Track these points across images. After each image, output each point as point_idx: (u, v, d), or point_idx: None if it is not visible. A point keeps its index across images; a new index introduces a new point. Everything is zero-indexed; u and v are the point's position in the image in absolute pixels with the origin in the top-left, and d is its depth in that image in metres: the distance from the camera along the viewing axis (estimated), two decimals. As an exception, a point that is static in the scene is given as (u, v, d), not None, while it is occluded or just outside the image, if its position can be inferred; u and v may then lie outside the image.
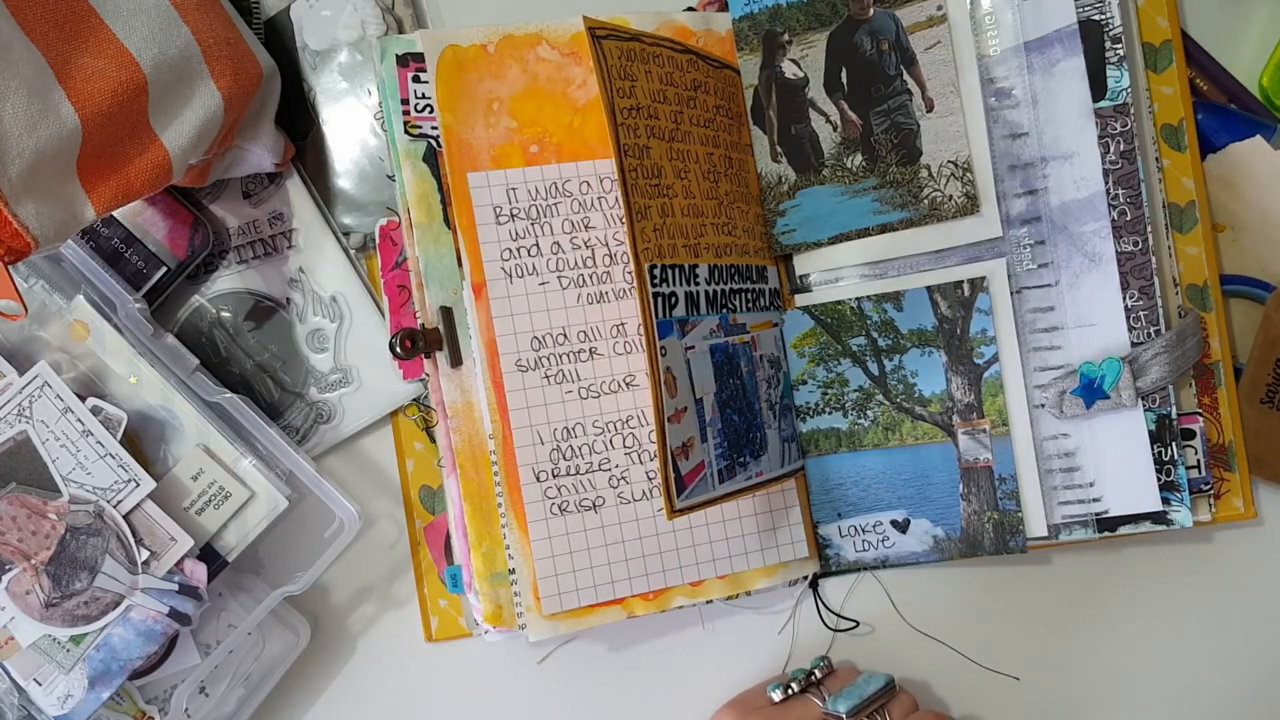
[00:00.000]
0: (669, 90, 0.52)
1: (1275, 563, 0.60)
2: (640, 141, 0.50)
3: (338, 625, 0.61)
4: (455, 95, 0.54)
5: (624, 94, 0.50)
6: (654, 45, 0.52)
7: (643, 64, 0.51)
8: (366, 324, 0.59)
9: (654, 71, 0.51)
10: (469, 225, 0.54)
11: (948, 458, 0.56)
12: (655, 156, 0.50)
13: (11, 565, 0.52)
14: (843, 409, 0.57)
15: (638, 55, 0.51)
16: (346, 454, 0.61)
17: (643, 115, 0.50)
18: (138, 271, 0.57)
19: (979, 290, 0.55)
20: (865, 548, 0.57)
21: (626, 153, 0.49)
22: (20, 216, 0.42)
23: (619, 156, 0.49)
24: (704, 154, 0.53)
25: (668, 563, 0.55)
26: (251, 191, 0.59)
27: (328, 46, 0.58)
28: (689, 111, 0.53)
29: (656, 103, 0.51)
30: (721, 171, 0.54)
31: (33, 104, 0.42)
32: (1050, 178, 0.55)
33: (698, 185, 0.52)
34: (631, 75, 0.50)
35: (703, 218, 0.52)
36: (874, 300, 0.56)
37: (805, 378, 0.57)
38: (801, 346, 0.57)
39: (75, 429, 0.53)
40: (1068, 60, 0.54)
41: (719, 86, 0.55)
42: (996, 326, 0.55)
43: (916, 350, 0.56)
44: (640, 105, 0.50)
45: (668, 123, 0.51)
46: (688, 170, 0.52)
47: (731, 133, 0.56)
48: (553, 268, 0.54)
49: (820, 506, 0.58)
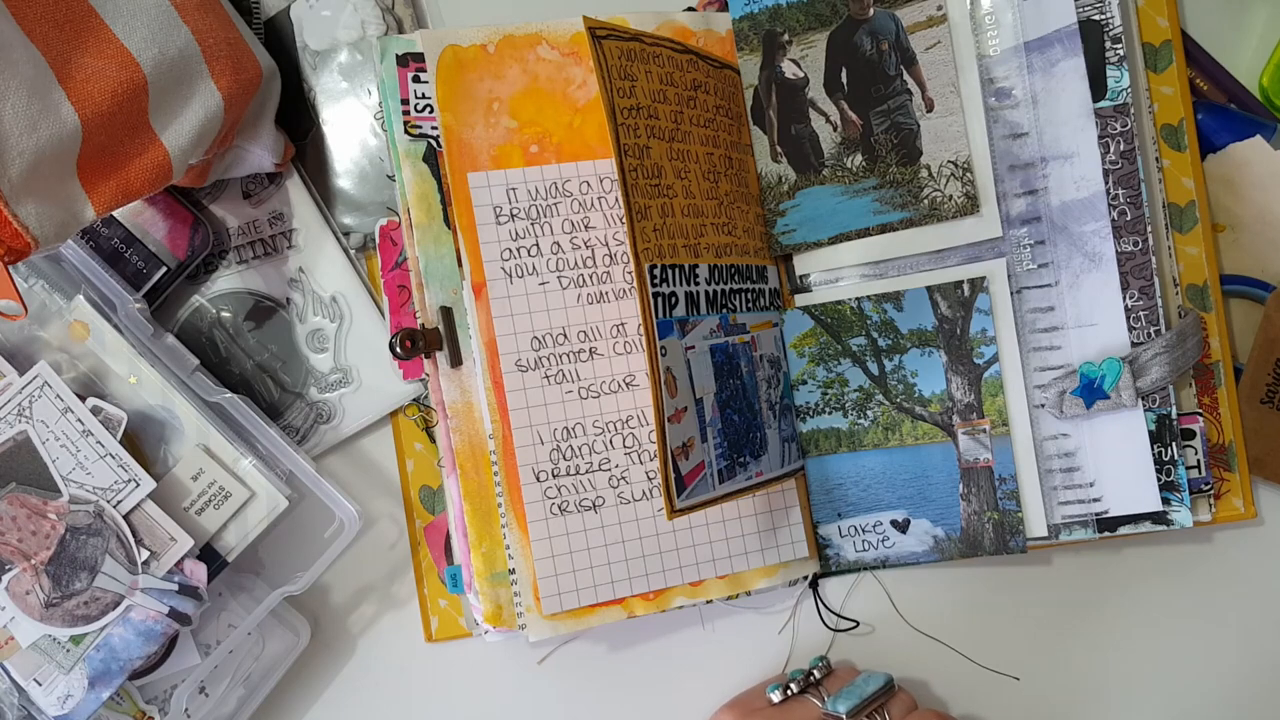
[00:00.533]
0: (669, 90, 0.52)
1: (1275, 563, 0.60)
2: (640, 141, 0.50)
3: (338, 625, 0.61)
4: (455, 95, 0.54)
5: (624, 94, 0.50)
6: (654, 45, 0.52)
7: (643, 64, 0.51)
8: (366, 324, 0.59)
9: (654, 71, 0.51)
10: (469, 225, 0.54)
11: (948, 458, 0.56)
12: (655, 156, 0.50)
13: (11, 565, 0.52)
14: (843, 409, 0.57)
15: (638, 55, 0.51)
16: (346, 454, 0.61)
17: (643, 115, 0.50)
18: (138, 271, 0.57)
19: (979, 290, 0.55)
20: (865, 548, 0.57)
21: (626, 153, 0.49)
22: (20, 216, 0.42)
23: (619, 156, 0.49)
24: (704, 154, 0.53)
25: (668, 563, 0.55)
26: (251, 191, 0.59)
27: (328, 46, 0.58)
28: (689, 111, 0.53)
29: (657, 103, 0.51)
30: (722, 171, 0.54)
31: (33, 104, 0.42)
32: (1050, 178, 0.55)
33: (698, 185, 0.52)
34: (632, 75, 0.50)
35: (703, 217, 0.52)
36: (874, 300, 0.56)
37: (805, 378, 0.57)
38: (801, 346, 0.57)
39: (75, 429, 0.53)
40: (1068, 60, 0.54)
41: (719, 86, 0.55)
42: (996, 327, 0.55)
43: (916, 350, 0.56)
44: (640, 105, 0.50)
45: (668, 123, 0.51)
46: (688, 170, 0.52)
47: (732, 133, 0.56)
48: (553, 268, 0.54)
49: (820, 506, 0.58)
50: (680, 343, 0.51)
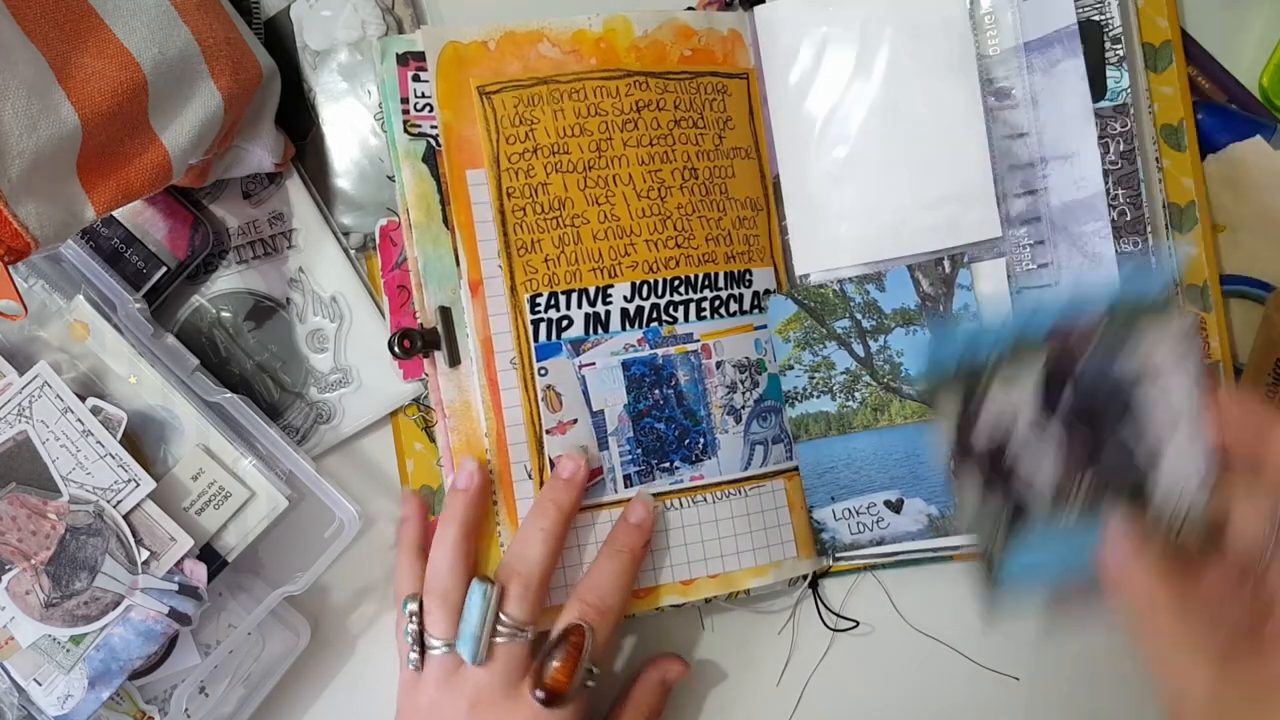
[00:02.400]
0: (590, 121, 0.54)
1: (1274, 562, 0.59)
2: (533, 181, 0.53)
3: (338, 625, 0.61)
4: (456, 92, 0.54)
5: (515, 140, 0.53)
6: (574, 81, 0.54)
7: (551, 104, 0.54)
8: (366, 324, 0.59)
9: (567, 108, 0.54)
10: (467, 222, 0.54)
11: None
12: (556, 190, 0.54)
13: (11, 565, 0.52)
14: (830, 392, 0.57)
15: (543, 99, 0.54)
16: (346, 454, 0.61)
17: (542, 155, 0.54)
18: (138, 271, 0.57)
19: (959, 266, 0.55)
20: (860, 529, 0.57)
21: (509, 194, 0.53)
22: (20, 216, 0.42)
23: (499, 199, 0.53)
24: (644, 174, 0.54)
25: (658, 561, 0.55)
26: (251, 191, 0.59)
27: (328, 46, 0.58)
28: (622, 135, 0.54)
29: (567, 138, 0.54)
30: (674, 185, 0.55)
31: (33, 104, 0.42)
32: (1050, 178, 0.55)
33: (626, 206, 0.54)
34: (531, 120, 0.54)
35: (630, 236, 0.54)
36: (856, 282, 0.57)
37: (791, 362, 0.57)
38: (786, 331, 0.57)
39: (75, 429, 0.53)
40: (1068, 60, 0.54)
41: (682, 99, 0.55)
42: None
43: (901, 329, 0.56)
44: (540, 145, 0.54)
45: (586, 154, 0.54)
46: (613, 194, 0.54)
47: (702, 142, 0.56)
48: (552, 268, 0.55)
49: (814, 491, 0.58)
50: (571, 361, 0.53)
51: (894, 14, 0.56)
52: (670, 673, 0.57)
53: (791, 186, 0.58)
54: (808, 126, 0.57)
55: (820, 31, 0.57)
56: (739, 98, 0.57)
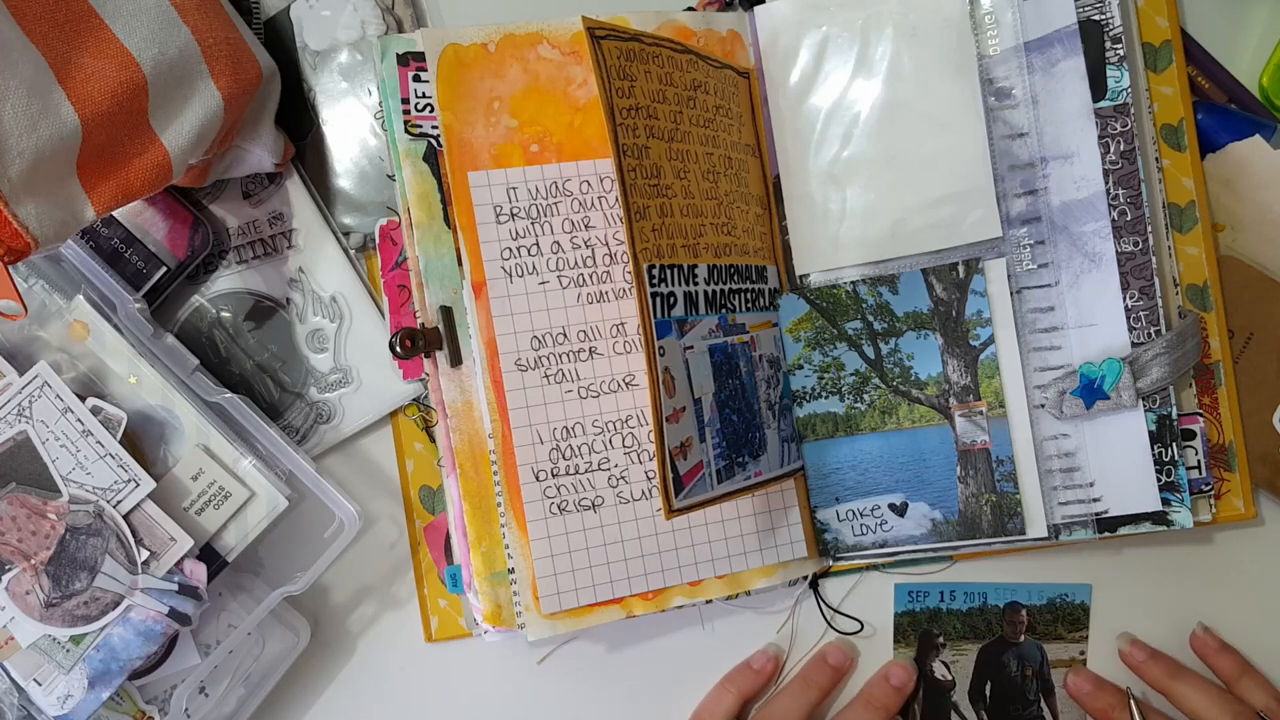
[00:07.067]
0: (668, 90, 0.52)
1: (1275, 563, 0.60)
2: (639, 141, 0.49)
3: (338, 625, 0.61)
4: (456, 94, 0.54)
5: (623, 94, 0.49)
6: (653, 45, 0.52)
7: (642, 64, 0.51)
8: (366, 324, 0.59)
9: (653, 71, 0.51)
10: (469, 224, 0.54)
11: (945, 440, 0.56)
12: (654, 156, 0.50)
13: (11, 565, 0.52)
14: (839, 393, 0.57)
15: (637, 55, 0.50)
16: (346, 454, 0.61)
17: (642, 115, 0.50)
18: (138, 271, 0.57)
19: (974, 272, 0.55)
20: (864, 531, 0.57)
21: (625, 153, 0.49)
22: (20, 216, 0.42)
23: (618, 156, 0.49)
24: (703, 154, 0.53)
25: (666, 562, 0.55)
26: (251, 191, 0.59)
27: (328, 46, 0.58)
28: (688, 111, 0.53)
29: (656, 103, 0.51)
30: (721, 171, 0.54)
31: (33, 104, 0.42)
32: (1050, 178, 0.55)
33: (697, 185, 0.52)
34: (631, 75, 0.50)
35: (702, 217, 0.52)
36: (869, 284, 0.57)
37: (801, 362, 0.57)
38: (797, 331, 0.57)
39: (75, 429, 0.53)
40: (1068, 60, 0.54)
41: (719, 86, 0.55)
42: (993, 309, 0.55)
43: (912, 333, 0.56)
44: (639, 105, 0.50)
45: (667, 123, 0.51)
46: (687, 170, 0.52)
47: (732, 133, 0.56)
48: (553, 267, 0.54)
49: (818, 491, 0.58)
50: (678, 343, 0.50)
51: (894, 14, 0.56)
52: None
53: (791, 186, 0.58)
54: (808, 126, 0.57)
55: (820, 31, 0.57)
56: (742, 97, 0.57)
